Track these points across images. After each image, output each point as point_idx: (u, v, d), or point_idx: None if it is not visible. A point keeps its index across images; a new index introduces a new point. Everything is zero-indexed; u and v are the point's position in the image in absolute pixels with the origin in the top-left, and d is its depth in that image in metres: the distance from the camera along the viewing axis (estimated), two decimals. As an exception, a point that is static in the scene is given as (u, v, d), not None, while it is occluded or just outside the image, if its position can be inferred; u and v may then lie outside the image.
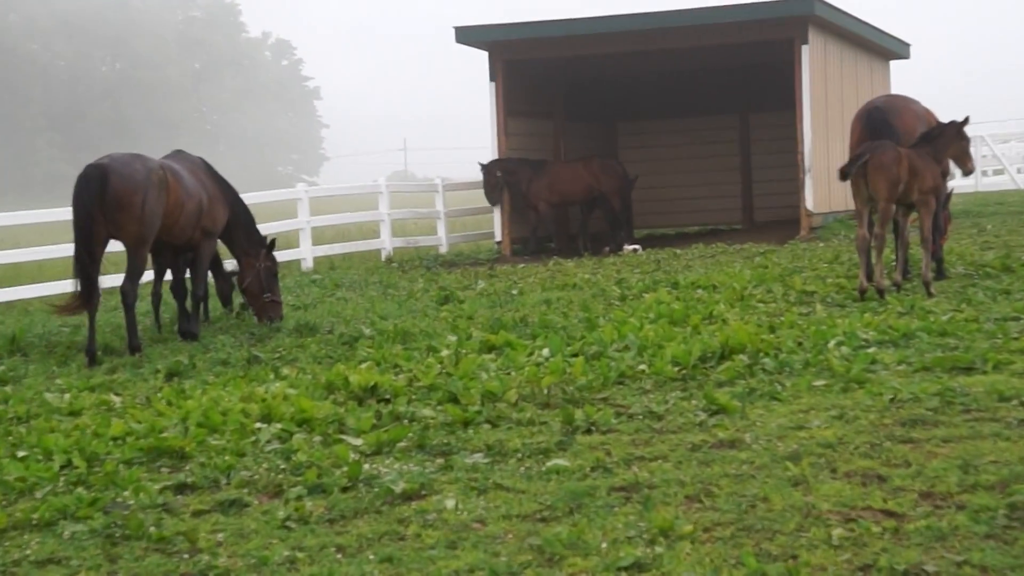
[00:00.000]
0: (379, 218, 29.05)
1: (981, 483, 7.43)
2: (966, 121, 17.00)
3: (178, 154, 17.21)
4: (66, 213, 15.75)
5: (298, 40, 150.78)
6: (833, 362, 11.24)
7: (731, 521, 7.09)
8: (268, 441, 9.64)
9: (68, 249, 21.17)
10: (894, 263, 17.28)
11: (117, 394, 12.47)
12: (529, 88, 32.30)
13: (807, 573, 6.29)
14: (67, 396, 12.23)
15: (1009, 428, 8.69)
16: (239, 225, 17.46)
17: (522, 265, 25.88)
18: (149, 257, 16.46)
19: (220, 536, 7.46)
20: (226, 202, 17.17)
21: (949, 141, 16.76)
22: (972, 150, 17.11)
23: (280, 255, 25.20)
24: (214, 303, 18.55)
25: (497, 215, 30.30)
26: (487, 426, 9.83)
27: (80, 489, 8.50)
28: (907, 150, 16.26)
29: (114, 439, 9.93)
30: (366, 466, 8.65)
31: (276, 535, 7.41)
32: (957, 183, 35.49)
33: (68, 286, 21.04)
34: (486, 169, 29.95)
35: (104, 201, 15.24)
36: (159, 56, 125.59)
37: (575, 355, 12.48)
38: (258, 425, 10.12)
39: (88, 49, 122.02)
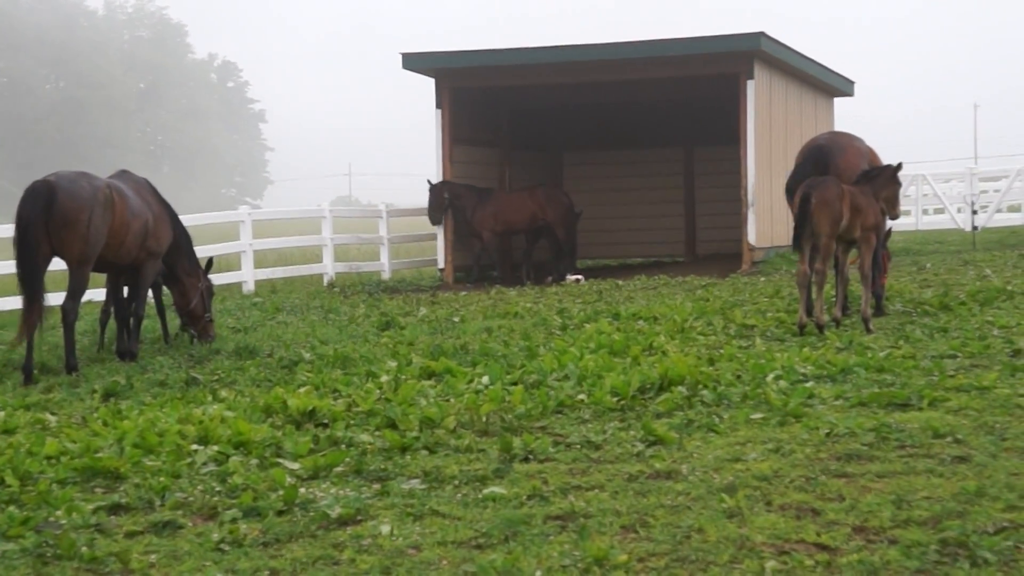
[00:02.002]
0: (322, 243, 28.99)
1: (914, 518, 7.48)
2: (899, 167, 17.10)
3: (123, 174, 17.11)
4: (6, 231, 15.63)
5: (244, 62, 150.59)
6: (771, 396, 11.29)
7: (666, 552, 7.10)
8: (204, 463, 9.58)
9: (4, 267, 21.06)
10: (834, 299, 17.39)
11: (53, 413, 12.37)
12: (475, 116, 32.39)
13: (740, 605, 6.31)
14: (1, 414, 12.11)
15: (943, 464, 8.75)
16: (181, 247, 17.40)
17: (464, 293, 25.88)
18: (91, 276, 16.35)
19: (153, 557, 7.40)
20: (171, 223, 17.11)
21: (885, 183, 16.86)
22: (903, 193, 17.18)
23: (221, 277, 25.20)
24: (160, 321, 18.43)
25: (440, 242, 30.33)
26: (425, 452, 9.81)
27: (12, 508, 8.41)
28: (850, 187, 16.38)
29: (48, 458, 9.85)
30: (302, 490, 8.61)
31: (210, 557, 7.36)
32: (897, 222, 35.78)
33: (6, 304, 20.99)
34: (434, 188, 30.00)
35: (49, 218, 15.13)
36: (104, 75, 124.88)
37: (514, 383, 12.49)
38: (194, 447, 10.06)
39: (32, 67, 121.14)
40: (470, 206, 29.89)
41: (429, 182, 30.30)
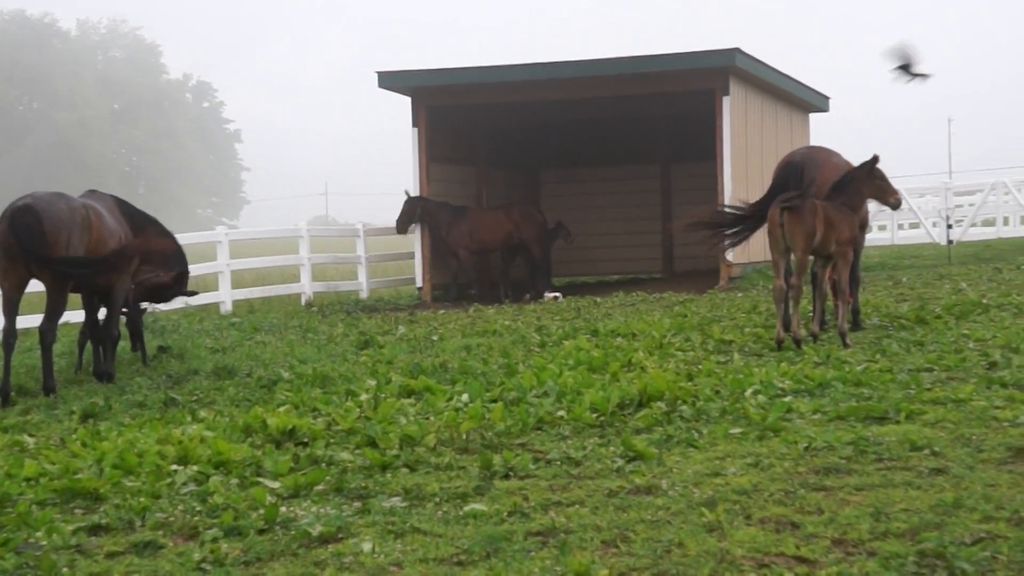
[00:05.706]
0: (299, 262, 28.98)
1: (892, 531, 7.52)
2: (875, 160, 16.86)
3: (92, 194, 17.02)
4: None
5: (219, 82, 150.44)
6: (749, 410, 11.32)
7: (646, 566, 7.12)
8: (184, 483, 9.57)
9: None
10: (811, 314, 17.44)
11: (31, 435, 12.34)
12: (452, 134, 32.42)
13: (721, 618, 6.33)
14: (-20, 436, 12.09)
15: (920, 477, 8.78)
16: None
17: (443, 311, 25.91)
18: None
19: (134, 578, 7.41)
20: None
21: (862, 184, 16.77)
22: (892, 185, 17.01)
23: (199, 298, 25.17)
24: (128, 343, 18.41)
25: (418, 261, 30.35)
26: (405, 470, 9.82)
27: (-8, 530, 8.41)
28: (823, 202, 16.40)
29: (27, 480, 9.83)
30: (283, 509, 8.61)
31: (191, 577, 7.37)
32: (874, 236, 35.95)
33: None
34: (409, 201, 29.99)
35: (29, 240, 15.04)
36: (78, 96, 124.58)
37: (494, 401, 12.51)
38: (174, 467, 10.04)
39: (5, 88, 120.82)
40: (445, 224, 29.88)
41: (407, 192, 30.32)
